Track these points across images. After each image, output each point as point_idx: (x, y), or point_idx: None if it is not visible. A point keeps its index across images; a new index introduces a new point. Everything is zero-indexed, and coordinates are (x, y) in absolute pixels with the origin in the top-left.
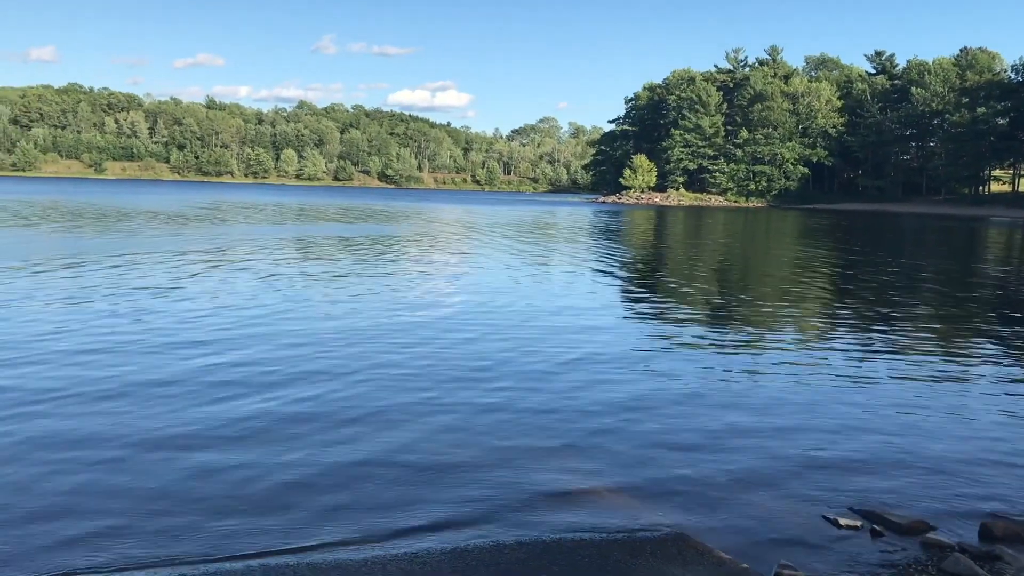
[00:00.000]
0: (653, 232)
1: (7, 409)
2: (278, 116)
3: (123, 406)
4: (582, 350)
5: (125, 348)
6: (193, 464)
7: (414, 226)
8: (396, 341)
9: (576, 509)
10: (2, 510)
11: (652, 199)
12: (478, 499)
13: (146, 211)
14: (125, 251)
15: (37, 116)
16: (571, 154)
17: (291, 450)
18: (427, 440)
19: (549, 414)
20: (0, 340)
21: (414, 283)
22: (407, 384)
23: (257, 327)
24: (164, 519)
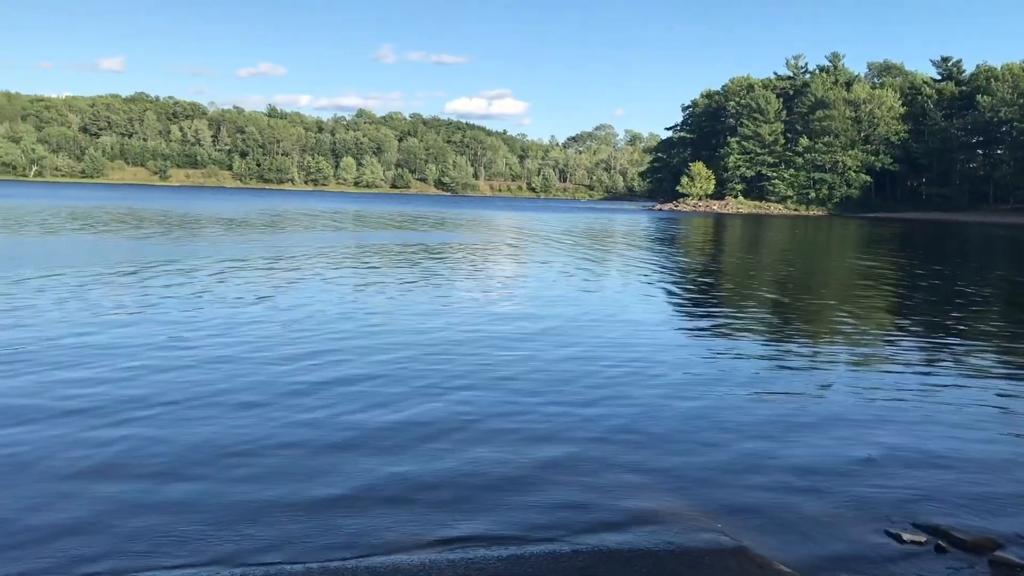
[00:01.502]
0: (711, 240)
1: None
2: (338, 124)
3: (252, 416)
4: (638, 361)
5: (242, 358)
6: (282, 470)
7: (473, 234)
8: (464, 352)
9: (634, 519)
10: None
11: (710, 207)
12: (535, 506)
13: (223, 218)
14: (221, 257)
15: (105, 124)
16: (627, 161)
17: (367, 456)
18: (483, 448)
19: (604, 423)
20: (135, 347)
21: (478, 292)
22: (461, 395)
23: (353, 338)
24: (242, 526)
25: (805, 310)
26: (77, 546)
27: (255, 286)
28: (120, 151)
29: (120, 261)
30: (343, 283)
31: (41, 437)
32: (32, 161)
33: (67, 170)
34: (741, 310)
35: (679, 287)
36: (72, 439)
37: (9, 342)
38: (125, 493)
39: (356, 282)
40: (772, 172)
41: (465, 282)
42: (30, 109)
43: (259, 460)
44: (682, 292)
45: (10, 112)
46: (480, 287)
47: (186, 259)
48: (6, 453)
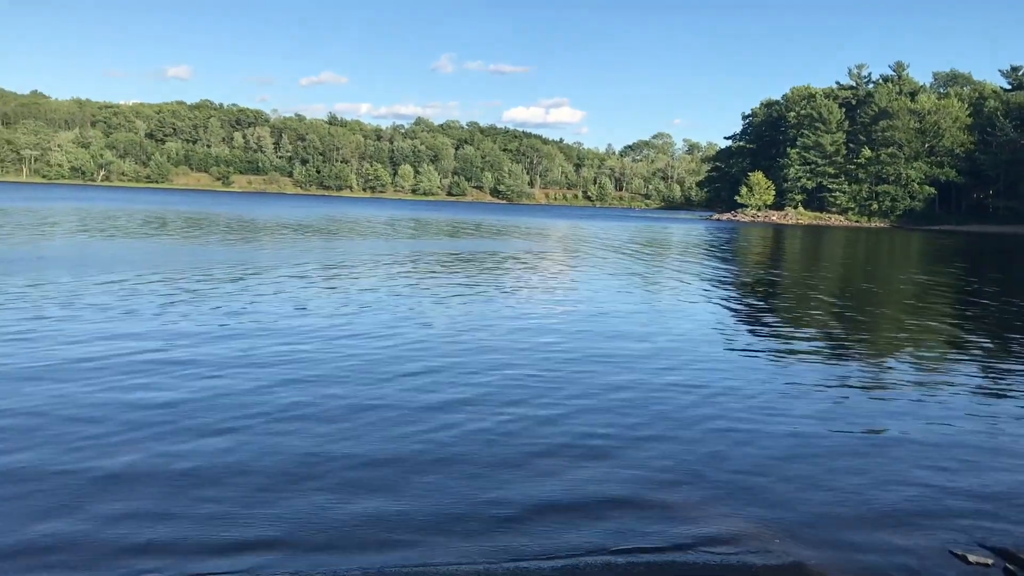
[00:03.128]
0: (770, 252)
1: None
2: (396, 132)
3: (350, 425)
4: (695, 376)
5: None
6: (370, 478)
7: (529, 242)
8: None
9: (691, 535)
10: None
11: (769, 217)
12: (590, 518)
13: (294, 224)
14: (300, 261)
15: (171, 131)
16: (685, 170)
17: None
18: (542, 460)
19: (657, 440)
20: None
21: (531, 303)
22: (526, 405)
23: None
24: (327, 530)
25: (868, 326)
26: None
27: (346, 294)
28: (185, 157)
29: (210, 265)
30: (434, 292)
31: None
32: (100, 166)
33: (133, 175)
34: (802, 326)
35: (745, 302)
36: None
37: (104, 353)
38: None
39: (447, 291)
40: (833, 183)
41: (549, 294)
42: (99, 115)
43: (341, 472)
44: (746, 306)
45: (80, 118)
46: (558, 299)
47: (276, 266)
48: (136, 458)
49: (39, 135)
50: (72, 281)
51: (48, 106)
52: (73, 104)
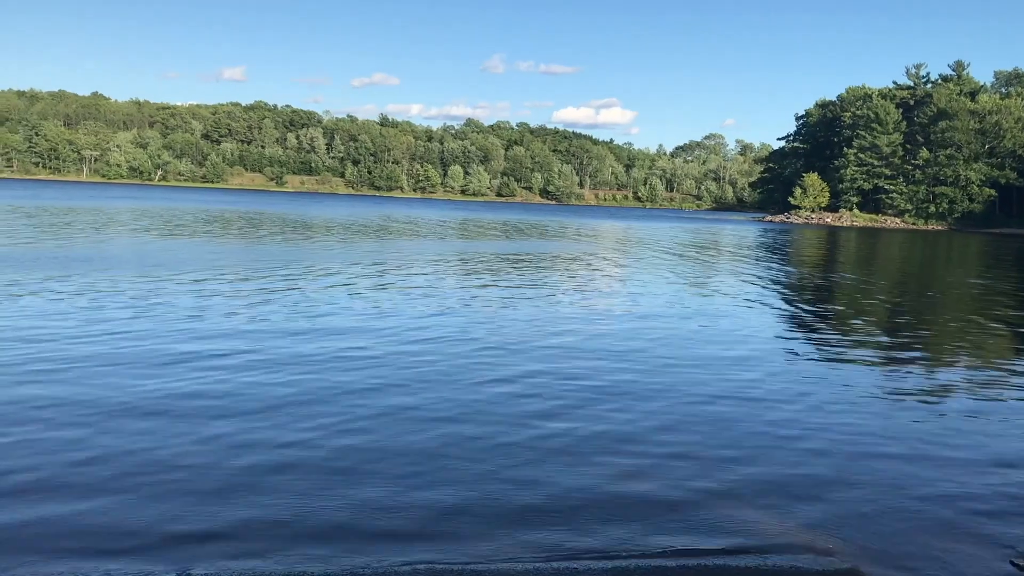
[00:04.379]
0: (825, 254)
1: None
2: (446, 133)
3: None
4: (748, 382)
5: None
6: (420, 474)
7: (582, 244)
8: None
9: (744, 539)
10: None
11: (823, 219)
12: (642, 520)
13: (352, 224)
14: (367, 261)
15: (226, 131)
16: (737, 171)
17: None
18: (592, 462)
19: (712, 445)
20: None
21: (588, 306)
22: (575, 406)
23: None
24: (386, 517)
25: (926, 332)
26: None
27: (419, 296)
28: (239, 157)
29: (282, 265)
30: (504, 294)
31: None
32: (157, 166)
33: (189, 175)
34: (860, 331)
35: (800, 305)
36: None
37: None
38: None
39: (515, 293)
40: (889, 185)
41: (608, 297)
42: (157, 116)
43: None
44: (801, 310)
45: (138, 119)
46: (617, 303)
47: (342, 265)
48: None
49: (99, 136)
50: (156, 281)
51: (108, 107)
52: (132, 105)
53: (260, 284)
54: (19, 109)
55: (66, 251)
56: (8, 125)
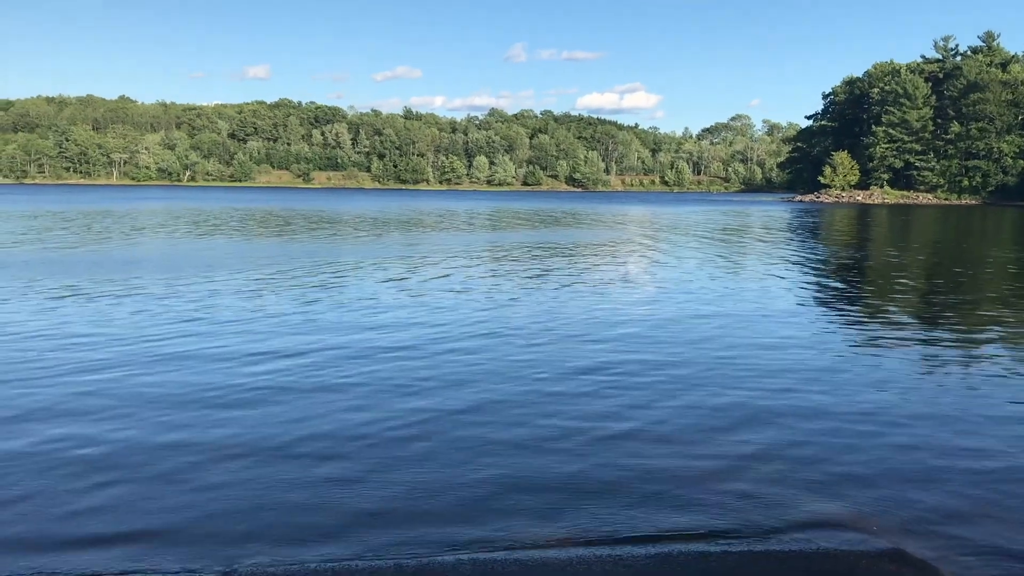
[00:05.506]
0: (857, 233)
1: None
2: (470, 124)
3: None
4: (788, 363)
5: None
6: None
7: (612, 231)
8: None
9: (788, 522)
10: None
11: (853, 197)
12: (689, 508)
13: (387, 219)
14: (409, 255)
15: (252, 130)
16: (765, 152)
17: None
18: (638, 448)
19: (751, 427)
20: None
21: (627, 293)
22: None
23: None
24: (428, 501)
25: (964, 311)
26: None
27: (465, 290)
28: (266, 155)
29: (326, 262)
30: (559, 286)
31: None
32: (185, 167)
33: (217, 174)
34: (898, 310)
35: (835, 285)
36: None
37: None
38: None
39: (564, 284)
40: (920, 160)
41: (642, 285)
42: (183, 117)
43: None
44: (835, 290)
45: (165, 121)
46: (651, 289)
47: (383, 259)
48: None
49: (127, 138)
50: (210, 282)
51: (135, 110)
52: (158, 107)
53: (309, 281)
54: (49, 115)
55: (116, 254)
56: (39, 131)
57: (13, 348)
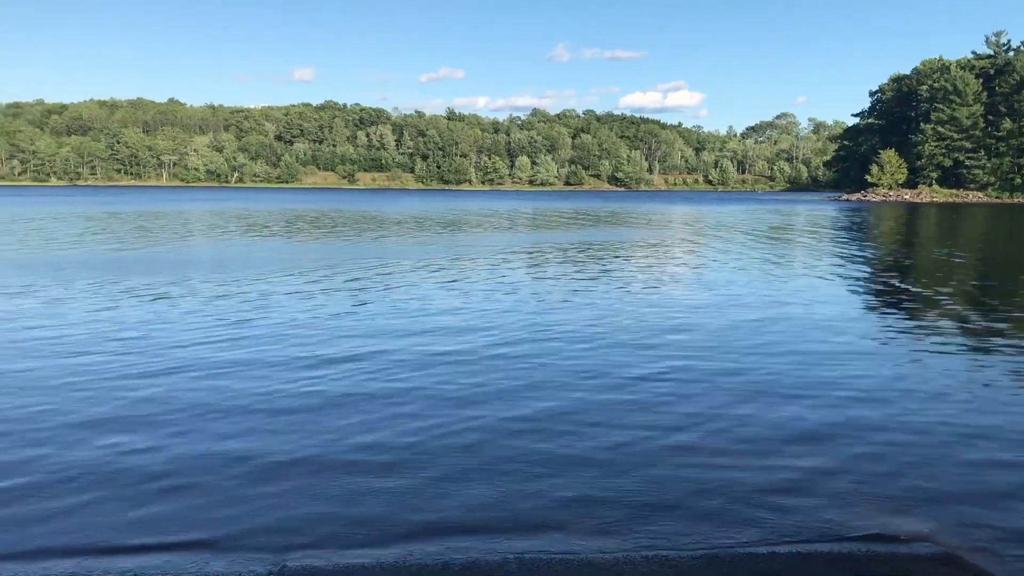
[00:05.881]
0: (906, 232)
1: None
2: (513, 124)
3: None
4: (846, 373)
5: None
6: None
7: (658, 230)
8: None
9: (838, 524)
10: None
11: (901, 196)
12: (734, 505)
13: (434, 219)
14: (464, 256)
15: (298, 132)
16: (810, 150)
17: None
18: (681, 450)
19: (811, 436)
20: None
21: (663, 294)
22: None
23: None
24: (469, 490)
25: (1011, 311)
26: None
27: (525, 290)
28: (312, 157)
29: (382, 261)
30: (621, 283)
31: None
32: (233, 168)
33: (264, 176)
34: (950, 315)
35: (884, 288)
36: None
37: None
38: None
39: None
40: (971, 158)
41: (690, 284)
42: (231, 119)
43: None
44: (885, 293)
45: (214, 123)
46: (700, 288)
47: (444, 260)
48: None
49: (177, 140)
50: (261, 282)
51: (184, 112)
52: (207, 110)
53: (361, 283)
54: (100, 118)
55: (171, 256)
56: (91, 134)
57: (72, 351)
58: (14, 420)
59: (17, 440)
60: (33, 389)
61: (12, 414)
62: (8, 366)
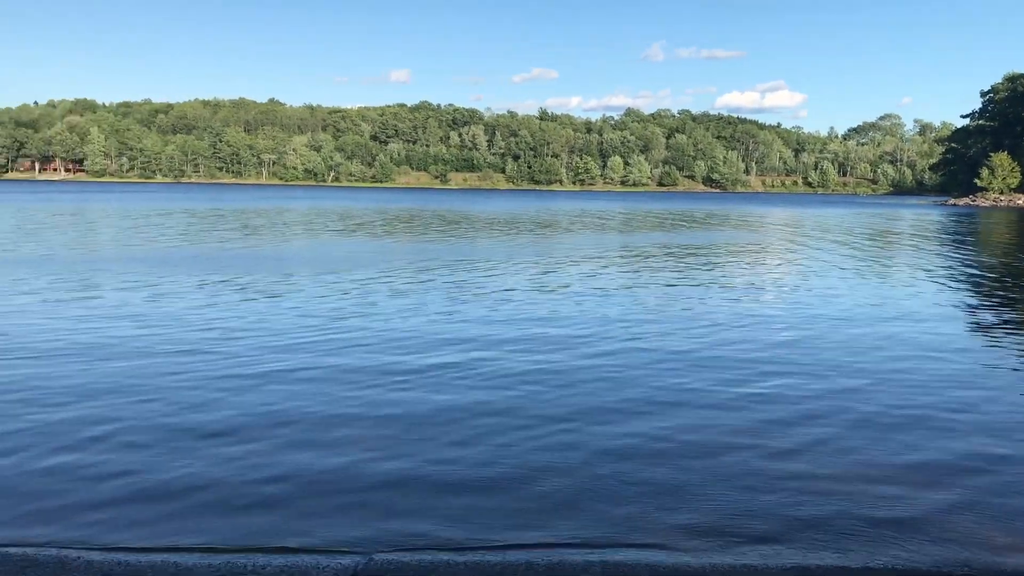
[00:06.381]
0: (1021, 241)
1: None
2: (605, 124)
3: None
4: (954, 389)
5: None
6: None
7: (747, 233)
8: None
9: (924, 540)
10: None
11: (1014, 201)
12: (837, 521)
13: (528, 219)
14: (553, 256)
15: (393, 132)
16: (916, 153)
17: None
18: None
19: (925, 452)
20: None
21: (762, 299)
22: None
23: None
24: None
25: None
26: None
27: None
28: (405, 157)
29: (477, 260)
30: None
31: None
32: (330, 167)
33: (359, 175)
34: None
35: (995, 302)
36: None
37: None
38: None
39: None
40: None
41: (796, 291)
42: (329, 120)
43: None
44: (997, 308)
45: (312, 123)
46: (799, 296)
47: (529, 262)
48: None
49: (276, 140)
50: (365, 280)
51: (283, 113)
52: (305, 110)
53: (457, 284)
54: (204, 117)
55: (277, 251)
56: (195, 133)
57: (179, 350)
58: (114, 420)
59: (116, 444)
60: (139, 389)
61: (115, 412)
62: (119, 364)
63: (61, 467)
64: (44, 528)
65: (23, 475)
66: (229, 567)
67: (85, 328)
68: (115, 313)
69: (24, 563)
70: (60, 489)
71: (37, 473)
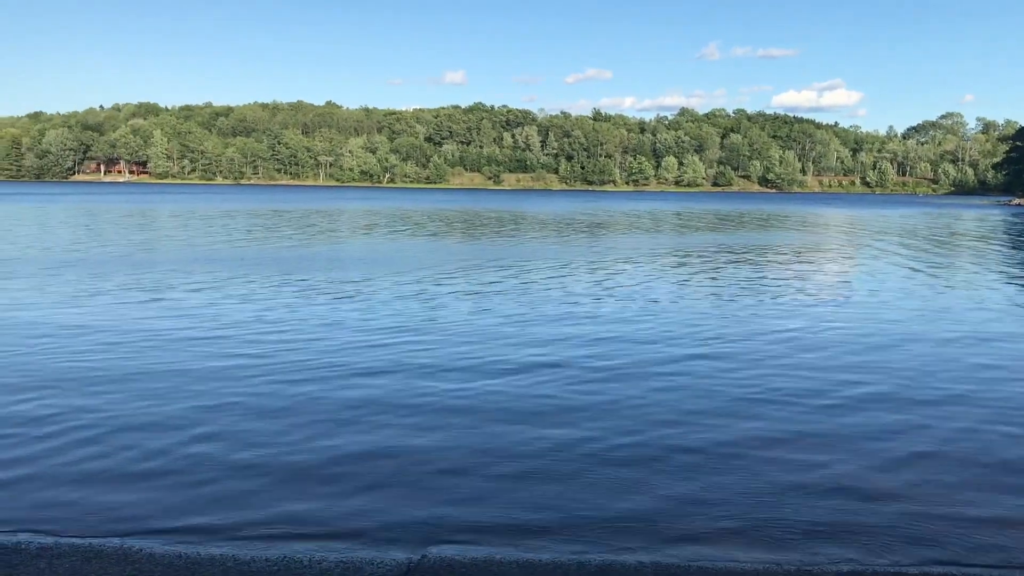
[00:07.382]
0: None
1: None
2: (659, 124)
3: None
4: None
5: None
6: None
7: (805, 235)
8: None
9: (996, 546)
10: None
11: None
12: (887, 529)
13: (583, 219)
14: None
15: (447, 133)
16: (978, 152)
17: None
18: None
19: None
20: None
21: (819, 304)
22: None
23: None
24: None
25: None
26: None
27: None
28: (459, 158)
29: (542, 259)
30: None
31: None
32: (385, 169)
33: (414, 176)
34: None
35: None
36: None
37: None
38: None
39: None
40: None
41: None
42: (384, 122)
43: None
44: None
45: (367, 125)
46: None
47: (588, 262)
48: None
49: (333, 142)
50: (430, 282)
51: (340, 115)
52: (361, 112)
53: (520, 286)
54: (263, 120)
55: (343, 253)
56: (254, 135)
57: (255, 347)
58: (177, 416)
59: (188, 435)
60: (208, 380)
61: (184, 405)
62: (186, 361)
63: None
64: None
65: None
66: (286, 562)
67: (210, 323)
68: (263, 314)
69: (89, 554)
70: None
71: (137, 459)
